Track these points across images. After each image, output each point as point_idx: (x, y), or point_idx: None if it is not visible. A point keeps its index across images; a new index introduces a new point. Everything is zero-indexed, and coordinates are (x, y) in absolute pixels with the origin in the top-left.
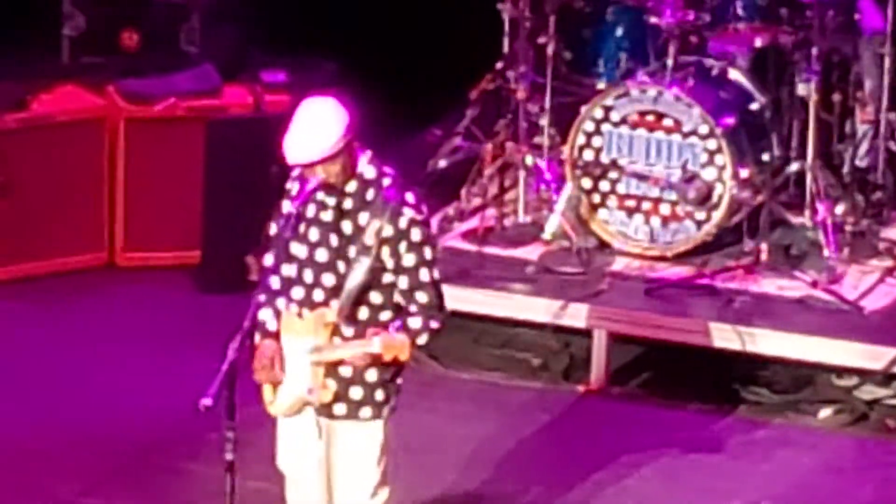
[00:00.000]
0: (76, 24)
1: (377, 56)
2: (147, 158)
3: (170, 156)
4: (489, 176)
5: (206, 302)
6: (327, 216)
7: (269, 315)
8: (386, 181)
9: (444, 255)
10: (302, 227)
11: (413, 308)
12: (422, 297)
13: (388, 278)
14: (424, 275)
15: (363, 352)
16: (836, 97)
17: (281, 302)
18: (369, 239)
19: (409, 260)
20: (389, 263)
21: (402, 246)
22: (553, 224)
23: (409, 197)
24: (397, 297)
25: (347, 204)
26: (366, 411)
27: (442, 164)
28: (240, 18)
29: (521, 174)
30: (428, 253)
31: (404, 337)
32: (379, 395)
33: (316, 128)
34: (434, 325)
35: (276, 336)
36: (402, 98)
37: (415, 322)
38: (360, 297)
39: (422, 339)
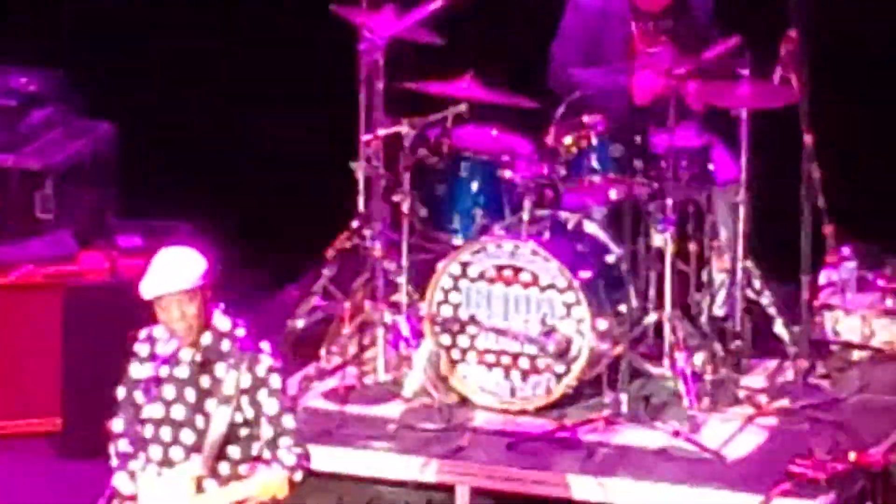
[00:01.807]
0: None
1: (233, 217)
2: (4, 325)
3: (28, 322)
4: (348, 335)
5: (67, 469)
6: (182, 372)
7: (122, 479)
8: (240, 332)
9: (306, 415)
10: (155, 387)
11: (281, 452)
12: (287, 440)
13: (244, 432)
14: (288, 421)
15: (242, 496)
16: (692, 247)
17: (136, 464)
18: (228, 390)
19: (271, 407)
20: (249, 413)
21: (262, 393)
22: (413, 381)
23: (265, 346)
24: (257, 450)
25: (202, 358)
26: None
27: (300, 323)
28: (94, 184)
29: (380, 332)
30: (286, 400)
31: (282, 472)
32: None
33: (176, 263)
34: (305, 463)
35: (133, 499)
36: (259, 258)
37: (289, 459)
38: (220, 452)
39: (298, 476)
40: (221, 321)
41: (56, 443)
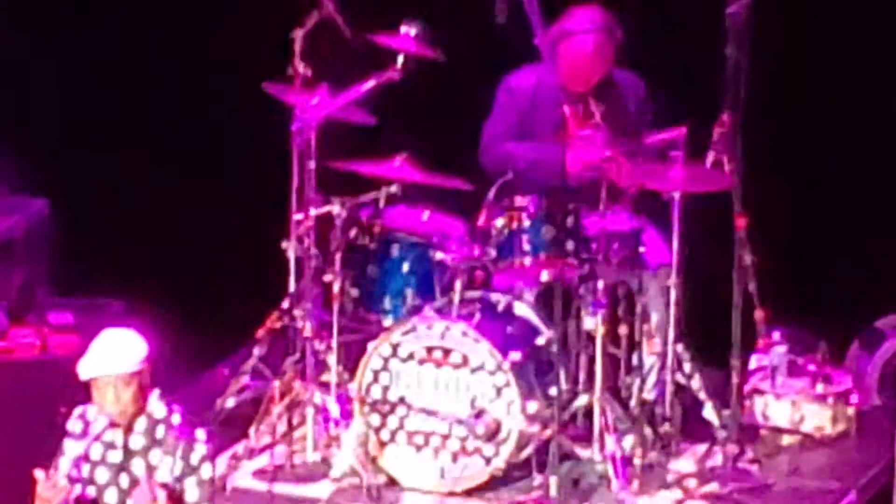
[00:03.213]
0: None
1: (164, 295)
2: None
3: None
4: (278, 414)
5: None
6: (115, 456)
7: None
8: (175, 418)
9: (234, 495)
10: (87, 470)
11: None
12: None
13: None
14: None
15: None
16: (623, 330)
17: None
18: (163, 477)
19: (192, 495)
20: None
21: (190, 481)
22: (342, 461)
23: (200, 433)
24: None
25: (136, 443)
26: None
27: (230, 403)
28: (26, 260)
29: (310, 412)
30: (210, 490)
31: None
32: None
33: (117, 346)
34: None
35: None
36: (189, 337)
37: None
38: None
39: None
40: (157, 407)
41: None
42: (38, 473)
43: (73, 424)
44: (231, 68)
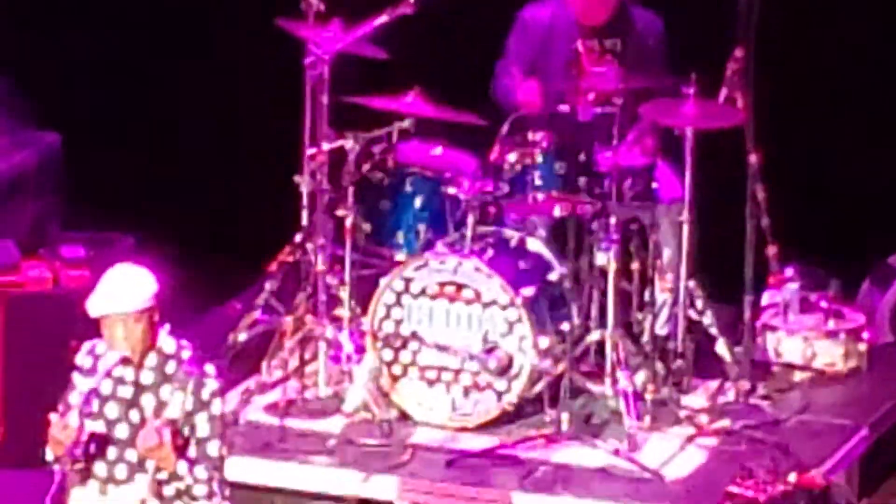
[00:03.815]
0: None
1: (175, 230)
2: None
3: None
4: (290, 349)
5: (7, 478)
6: (126, 392)
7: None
8: (185, 353)
9: (246, 428)
10: (96, 405)
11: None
12: (202, 472)
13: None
14: (212, 448)
15: None
16: (635, 266)
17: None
18: (173, 413)
19: (203, 430)
20: (185, 433)
21: (201, 417)
22: (354, 396)
23: (210, 368)
24: None
25: (147, 378)
26: None
27: (242, 337)
28: (38, 194)
29: (322, 347)
30: (220, 426)
31: None
32: None
33: (126, 283)
34: (217, 493)
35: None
36: (201, 271)
37: (199, 490)
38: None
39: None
40: (167, 343)
41: None
42: (52, 416)
43: (83, 359)
44: (245, 2)
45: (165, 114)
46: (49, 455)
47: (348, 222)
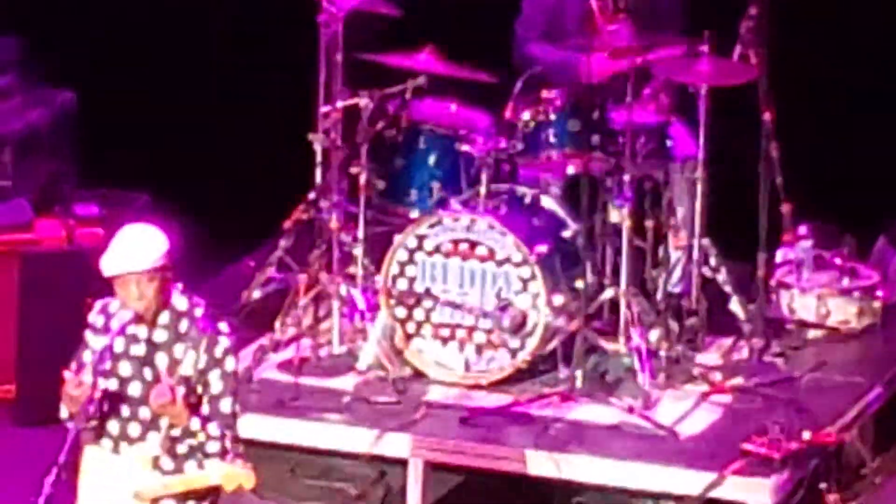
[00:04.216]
0: None
1: (190, 187)
2: None
3: None
4: (303, 306)
5: (21, 436)
6: (139, 350)
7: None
8: (198, 311)
9: (260, 386)
10: (109, 363)
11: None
12: (215, 429)
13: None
14: (225, 405)
15: (202, 486)
16: (649, 223)
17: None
18: (186, 370)
19: (216, 388)
20: (198, 391)
21: (214, 374)
22: (368, 354)
23: (223, 326)
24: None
25: (160, 336)
26: None
27: (256, 294)
28: (53, 152)
29: (336, 304)
30: (233, 383)
31: (244, 468)
32: None
33: (138, 242)
34: (230, 450)
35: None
36: (215, 229)
37: (212, 447)
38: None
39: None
40: (180, 301)
41: (10, 410)
42: (67, 374)
43: (95, 318)
44: None
45: (180, 72)
46: (63, 413)
47: (362, 180)
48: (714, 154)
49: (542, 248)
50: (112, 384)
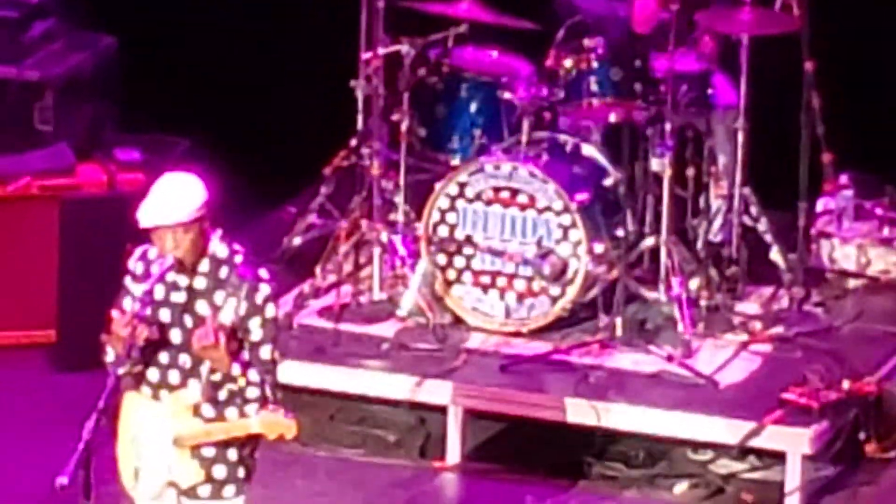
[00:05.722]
0: None
1: (231, 133)
2: (0, 237)
3: (23, 235)
4: (344, 253)
5: (61, 381)
6: (179, 297)
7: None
8: (238, 258)
9: (300, 332)
10: (150, 310)
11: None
12: (254, 376)
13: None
14: (265, 352)
15: (243, 433)
16: (690, 172)
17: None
18: (227, 317)
19: (256, 335)
20: (238, 337)
21: (255, 321)
22: (408, 301)
23: (263, 273)
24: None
25: (200, 284)
26: (229, 489)
27: (296, 241)
28: (94, 97)
29: (377, 251)
30: (273, 330)
31: (286, 417)
32: (241, 472)
33: (174, 194)
34: (270, 397)
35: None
36: (257, 175)
37: (251, 392)
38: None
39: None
40: (219, 248)
41: (51, 355)
42: (114, 313)
43: (134, 265)
44: None
45: (221, 19)
46: (109, 355)
47: (403, 127)
48: (755, 103)
49: (583, 196)
50: (152, 331)
